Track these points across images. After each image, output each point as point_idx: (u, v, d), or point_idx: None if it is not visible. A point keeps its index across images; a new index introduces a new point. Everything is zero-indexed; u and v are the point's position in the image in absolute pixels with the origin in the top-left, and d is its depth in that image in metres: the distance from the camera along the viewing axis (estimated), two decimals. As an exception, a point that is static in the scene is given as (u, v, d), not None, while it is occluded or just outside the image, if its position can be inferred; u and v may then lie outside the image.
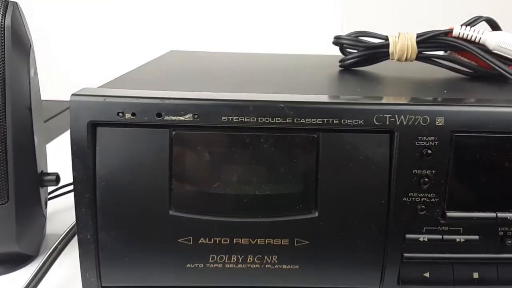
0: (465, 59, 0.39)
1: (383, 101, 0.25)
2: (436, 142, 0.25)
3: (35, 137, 0.37)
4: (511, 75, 0.34)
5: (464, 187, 0.26)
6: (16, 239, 0.37)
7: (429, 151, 0.25)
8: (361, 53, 0.41)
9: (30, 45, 0.38)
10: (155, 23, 0.77)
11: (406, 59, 0.39)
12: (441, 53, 0.40)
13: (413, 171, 0.25)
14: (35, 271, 0.35)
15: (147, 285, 0.27)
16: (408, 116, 0.25)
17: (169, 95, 0.25)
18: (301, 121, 0.25)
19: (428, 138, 0.25)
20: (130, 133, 0.25)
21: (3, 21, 0.34)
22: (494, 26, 0.40)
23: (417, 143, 0.25)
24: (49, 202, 0.45)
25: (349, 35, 0.41)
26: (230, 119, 0.25)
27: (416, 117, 0.25)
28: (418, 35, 0.38)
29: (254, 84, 0.34)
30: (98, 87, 0.27)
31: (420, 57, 0.39)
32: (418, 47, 0.38)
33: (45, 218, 0.42)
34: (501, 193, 0.26)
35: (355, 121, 0.25)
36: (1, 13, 0.34)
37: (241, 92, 0.26)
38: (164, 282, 0.27)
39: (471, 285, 0.27)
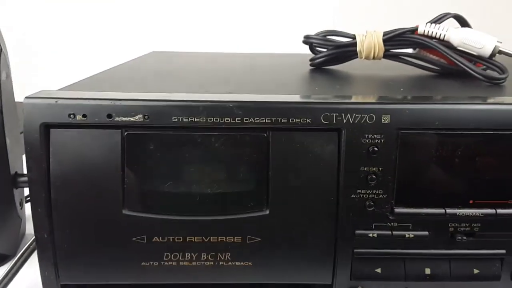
0: (434, 57, 0.39)
1: (330, 100, 0.26)
2: (383, 140, 0.25)
3: (7, 139, 0.38)
4: (474, 71, 0.34)
5: (412, 183, 0.26)
6: (-9, 239, 0.38)
7: (376, 149, 0.25)
8: (330, 52, 0.41)
9: (1, 49, 0.39)
10: (139, 23, 0.77)
11: (374, 57, 0.39)
12: (410, 50, 0.41)
13: (361, 168, 0.26)
14: (7, 269, 0.36)
15: (104, 283, 0.27)
16: (354, 114, 0.25)
17: (120, 96, 0.25)
18: (250, 120, 0.25)
19: (375, 135, 0.25)
20: (82, 134, 0.25)
21: (-28, 26, 0.35)
22: (463, 22, 0.40)
23: (364, 140, 0.25)
24: (28, 205, 0.46)
25: (318, 34, 0.41)
26: (180, 119, 0.25)
27: (363, 115, 0.25)
28: (385, 33, 0.38)
29: (219, 84, 0.35)
30: (58, 89, 0.28)
31: (387, 55, 0.39)
32: (385, 45, 0.38)
33: (21, 219, 0.42)
34: (449, 189, 0.26)
35: (303, 120, 0.25)
36: (-29, 18, 0.35)
37: (194, 93, 0.27)
38: (120, 280, 0.27)
39: (423, 281, 0.27)
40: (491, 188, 0.26)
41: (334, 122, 0.25)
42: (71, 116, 0.25)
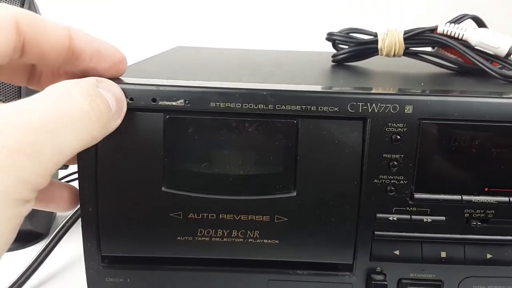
0: (452, 55, 0.40)
1: (357, 90, 0.28)
2: (405, 129, 0.27)
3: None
4: (490, 69, 0.36)
5: (431, 170, 0.28)
6: (28, 217, 0.40)
7: (398, 137, 0.27)
8: (352, 49, 0.43)
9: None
10: (166, 20, 0.80)
11: (394, 55, 0.41)
12: (429, 49, 0.42)
13: (383, 155, 0.27)
14: (43, 247, 0.38)
15: (142, 255, 0.30)
16: (379, 104, 0.27)
17: (163, 82, 0.27)
18: (282, 107, 0.27)
19: (398, 124, 0.27)
20: (128, 115, 0.27)
21: (20, 16, 0.37)
22: (480, 23, 0.41)
23: (387, 129, 0.27)
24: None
25: (340, 31, 0.43)
26: (218, 105, 0.27)
27: (387, 105, 0.27)
28: (406, 32, 0.40)
29: (248, 76, 0.37)
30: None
31: (407, 53, 0.41)
32: (405, 43, 0.40)
33: (56, 199, 0.45)
34: (466, 177, 0.28)
35: (331, 108, 0.27)
36: (18, 5, 0.38)
37: (230, 81, 0.29)
38: (157, 253, 0.29)
39: (439, 264, 0.29)
40: (505, 177, 0.28)
41: (360, 111, 0.27)
42: (119, 99, 0.27)
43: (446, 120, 0.27)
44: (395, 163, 0.27)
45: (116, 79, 0.27)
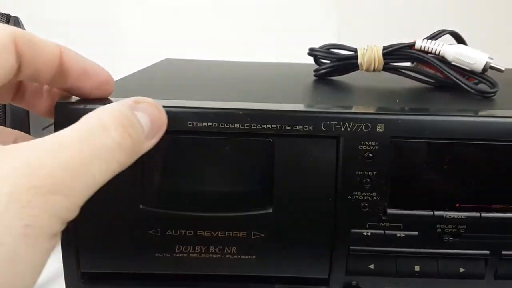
0: (430, 70, 0.41)
1: (330, 109, 0.28)
2: (377, 147, 0.28)
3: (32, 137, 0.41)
4: (466, 85, 0.37)
5: (403, 187, 0.29)
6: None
7: (371, 155, 0.28)
8: (333, 64, 0.44)
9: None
10: (152, 32, 0.81)
11: (374, 70, 0.41)
12: (409, 64, 0.43)
13: (357, 172, 0.28)
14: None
15: (121, 272, 0.30)
16: (351, 123, 0.28)
17: (140, 103, 0.28)
18: (258, 126, 0.28)
19: (370, 143, 0.28)
20: (106, 136, 0.28)
21: (4, 34, 0.38)
22: (458, 38, 0.42)
23: (360, 147, 0.28)
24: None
25: (322, 47, 0.44)
26: (194, 124, 0.28)
27: (359, 124, 0.28)
28: (384, 48, 0.41)
29: (229, 92, 0.37)
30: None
31: (387, 68, 0.42)
32: (384, 59, 0.41)
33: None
34: (438, 193, 0.29)
35: (305, 127, 0.28)
36: (3, 27, 0.38)
37: (206, 100, 0.30)
38: (136, 269, 0.30)
39: (413, 277, 0.30)
40: (476, 193, 0.29)
41: (333, 130, 0.28)
42: (97, 119, 0.28)
43: (417, 139, 0.28)
44: (368, 180, 0.28)
45: (94, 100, 0.28)
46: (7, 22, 0.39)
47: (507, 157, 0.28)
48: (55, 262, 0.37)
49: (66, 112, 0.28)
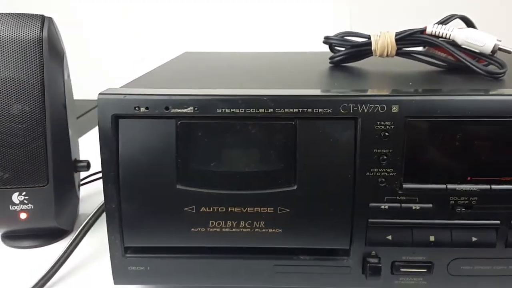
0: (441, 54, 0.43)
1: (347, 93, 0.31)
2: (392, 126, 0.30)
3: (69, 130, 0.44)
4: (476, 67, 0.38)
5: (418, 163, 0.31)
6: (54, 216, 0.44)
7: (387, 134, 0.30)
8: (348, 51, 0.46)
9: (64, 53, 0.45)
10: (172, 26, 0.84)
11: (387, 55, 0.43)
12: (421, 48, 0.45)
13: (374, 150, 0.30)
14: (70, 241, 0.42)
15: (160, 246, 0.33)
16: (368, 105, 0.30)
17: (175, 92, 0.31)
18: (281, 111, 0.30)
19: (386, 123, 0.30)
20: (145, 123, 0.31)
21: (41, 34, 0.41)
22: (468, 22, 0.44)
23: (377, 127, 0.30)
24: (82, 188, 0.53)
25: (336, 35, 0.46)
26: (223, 110, 0.31)
27: (375, 105, 0.30)
28: (397, 34, 0.43)
29: (250, 81, 0.40)
30: (120, 87, 0.34)
31: (400, 53, 0.44)
32: (397, 44, 0.43)
33: (78, 199, 0.49)
34: (450, 167, 0.31)
35: (325, 110, 0.30)
36: (39, 27, 0.41)
37: (234, 88, 0.32)
38: (174, 243, 0.33)
39: (428, 247, 0.32)
40: (486, 167, 0.31)
41: (351, 111, 0.30)
42: (136, 108, 0.30)
43: (430, 117, 0.30)
44: (385, 157, 0.30)
45: (134, 90, 0.31)
46: (42, 23, 0.42)
47: (507, 133, 0.30)
48: (102, 239, 0.40)
49: (107, 103, 0.31)
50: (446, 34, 0.41)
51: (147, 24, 0.86)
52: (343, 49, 0.47)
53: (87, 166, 0.47)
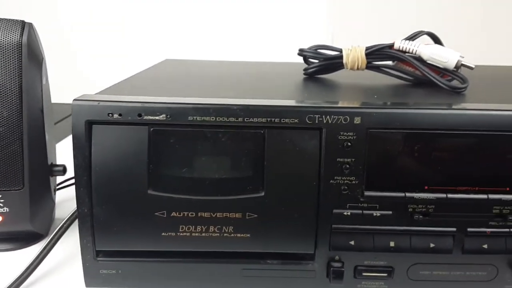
0: (409, 68, 0.45)
1: (313, 104, 0.32)
2: (355, 137, 0.32)
3: (46, 134, 0.45)
4: (439, 81, 0.40)
5: (378, 172, 0.32)
6: (29, 219, 0.45)
7: (349, 144, 0.32)
8: (321, 63, 0.47)
9: (42, 58, 0.46)
10: (152, 33, 0.85)
11: (358, 68, 0.45)
12: (390, 62, 0.47)
13: (337, 160, 0.32)
14: (44, 245, 0.42)
15: (131, 249, 0.34)
16: (332, 116, 0.32)
17: (148, 99, 0.32)
18: (250, 120, 0.32)
19: (348, 133, 0.32)
20: (118, 129, 0.32)
21: (20, 39, 0.42)
22: (435, 39, 0.46)
23: (340, 137, 0.32)
24: (59, 192, 0.53)
25: (310, 48, 0.48)
26: (195, 118, 0.32)
27: (339, 117, 0.32)
28: (367, 48, 0.45)
29: (226, 90, 0.41)
30: (95, 93, 0.35)
31: (370, 67, 0.46)
32: (367, 58, 0.45)
33: (54, 203, 0.49)
34: (409, 177, 0.33)
35: (292, 120, 0.32)
36: (19, 33, 0.42)
37: (205, 97, 0.34)
38: (144, 247, 0.34)
39: (389, 252, 0.34)
40: (443, 177, 0.33)
41: (316, 122, 0.32)
42: (110, 114, 0.31)
43: (389, 129, 0.32)
44: (347, 166, 0.32)
45: (108, 96, 0.32)
46: (22, 28, 0.42)
47: (468, 144, 0.32)
48: (76, 242, 0.41)
49: (81, 109, 0.32)
50: (413, 50, 0.43)
51: (133, 30, 0.88)
52: (316, 61, 0.48)
53: (63, 170, 0.47)
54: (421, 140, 0.32)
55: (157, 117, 0.32)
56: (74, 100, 0.32)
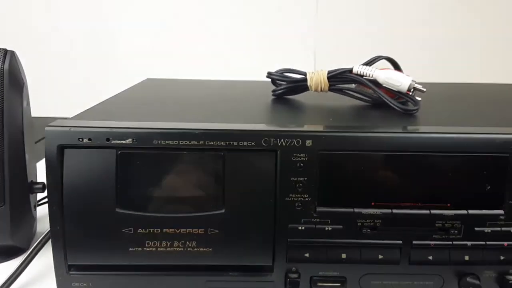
0: (369, 91, 0.48)
1: (268, 128, 0.35)
2: (307, 158, 0.35)
3: (26, 154, 0.47)
4: (392, 104, 0.44)
5: (329, 189, 0.35)
6: (10, 234, 0.47)
7: (302, 164, 0.35)
8: (287, 86, 0.51)
9: (24, 83, 0.48)
10: (134, 53, 0.89)
11: (321, 90, 0.49)
12: (353, 85, 0.50)
13: (291, 179, 0.35)
14: (23, 259, 0.45)
15: (100, 264, 0.36)
16: (286, 139, 0.34)
17: (115, 124, 0.35)
18: (211, 143, 0.35)
19: (301, 155, 0.34)
20: (87, 152, 0.34)
21: (2, 66, 0.44)
22: (393, 63, 0.50)
23: (293, 158, 0.35)
24: (39, 208, 0.55)
25: (277, 71, 0.51)
26: (159, 142, 0.34)
27: (292, 139, 0.34)
28: (329, 72, 0.48)
29: (192, 112, 0.44)
30: (69, 119, 0.37)
31: (333, 89, 0.49)
32: (330, 81, 0.48)
33: (35, 219, 0.51)
34: (356, 193, 0.36)
35: (249, 143, 0.35)
36: (1, 60, 0.45)
37: (170, 121, 0.36)
38: (113, 261, 0.36)
39: (341, 263, 0.36)
40: (388, 193, 0.36)
41: (272, 145, 0.35)
42: (80, 139, 0.34)
43: (339, 151, 0.35)
44: (301, 184, 0.35)
45: (78, 122, 0.34)
46: (4, 56, 0.45)
47: (410, 163, 0.35)
48: (47, 258, 0.43)
49: (54, 134, 0.34)
50: (369, 74, 0.46)
51: (116, 48, 0.91)
52: (284, 83, 0.52)
53: (43, 188, 0.49)
54: (368, 160, 0.35)
55: (124, 141, 0.34)
56: (47, 126, 0.34)
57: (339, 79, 0.48)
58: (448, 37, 0.89)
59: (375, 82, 0.46)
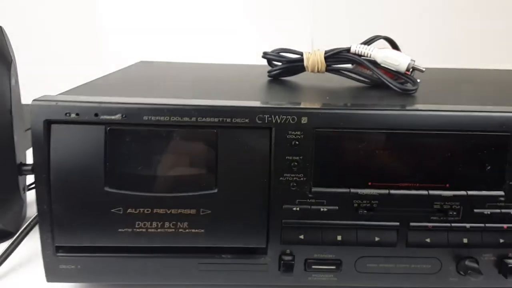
0: (367, 71, 0.47)
1: (263, 105, 0.34)
2: (302, 136, 0.33)
3: (14, 135, 0.46)
4: (391, 83, 0.42)
5: (325, 169, 0.34)
6: (-1, 217, 0.45)
7: (297, 143, 0.33)
8: (283, 66, 0.49)
9: (12, 60, 0.47)
10: (128, 34, 0.87)
11: (318, 71, 0.47)
12: (350, 66, 0.49)
13: (286, 157, 0.34)
14: (10, 243, 0.43)
15: (90, 245, 0.35)
16: (281, 116, 0.33)
17: (104, 100, 0.33)
18: (204, 119, 0.33)
19: (296, 132, 0.33)
20: (75, 128, 0.33)
21: (-13, 42, 0.43)
22: (392, 43, 0.48)
23: (288, 136, 0.33)
24: (30, 192, 0.54)
25: (273, 51, 0.50)
26: (149, 118, 0.33)
27: (287, 117, 0.33)
28: (326, 52, 0.47)
29: (185, 91, 0.43)
30: (57, 94, 0.36)
31: (330, 70, 0.48)
32: (326, 62, 0.47)
33: (24, 202, 0.50)
34: (353, 173, 0.34)
35: (243, 120, 0.33)
36: (-14, 35, 0.43)
37: (162, 98, 0.35)
38: (101, 243, 0.35)
39: (336, 245, 0.35)
40: (385, 173, 0.34)
41: (266, 122, 0.33)
42: (67, 114, 0.33)
43: (334, 129, 0.33)
44: (296, 164, 0.34)
45: (66, 97, 0.33)
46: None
47: (408, 143, 0.34)
48: (34, 241, 0.42)
49: (40, 109, 0.33)
50: (367, 54, 0.45)
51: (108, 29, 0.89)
52: (279, 64, 0.50)
53: (32, 170, 0.48)
54: (364, 139, 0.34)
55: (113, 117, 0.33)
56: (33, 100, 0.33)
57: (337, 59, 0.47)
58: (449, 23, 0.88)
59: (373, 62, 0.45)
